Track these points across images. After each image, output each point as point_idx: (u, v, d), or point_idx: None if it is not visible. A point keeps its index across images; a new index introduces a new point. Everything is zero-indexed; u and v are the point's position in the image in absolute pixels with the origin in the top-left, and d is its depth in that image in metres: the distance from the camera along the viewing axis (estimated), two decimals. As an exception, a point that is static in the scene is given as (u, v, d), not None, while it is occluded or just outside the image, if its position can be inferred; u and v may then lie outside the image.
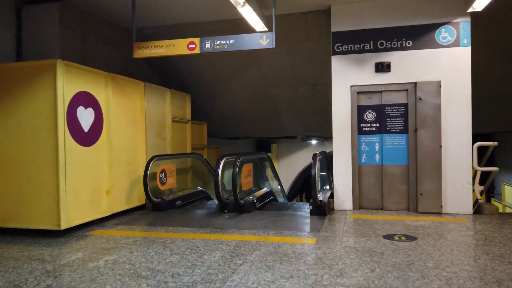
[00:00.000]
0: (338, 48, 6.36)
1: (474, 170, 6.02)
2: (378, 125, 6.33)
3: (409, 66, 6.11)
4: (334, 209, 6.38)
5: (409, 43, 6.10)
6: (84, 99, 5.33)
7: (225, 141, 13.41)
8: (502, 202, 10.60)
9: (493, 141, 6.07)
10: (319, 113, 9.79)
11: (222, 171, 6.32)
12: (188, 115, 8.72)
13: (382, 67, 6.17)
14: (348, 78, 6.33)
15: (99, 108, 5.66)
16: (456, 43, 5.93)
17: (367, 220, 5.58)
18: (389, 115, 6.28)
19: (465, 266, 3.53)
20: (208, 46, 5.29)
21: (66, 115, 4.92)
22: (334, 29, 6.36)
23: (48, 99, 4.83)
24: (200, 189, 8.14)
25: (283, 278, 3.26)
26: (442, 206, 5.92)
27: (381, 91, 6.27)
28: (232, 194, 6.17)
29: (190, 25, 7.55)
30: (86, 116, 5.36)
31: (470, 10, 5.69)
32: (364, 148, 6.39)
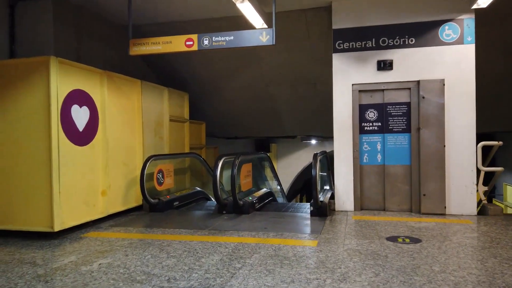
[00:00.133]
0: (339, 45, 6.23)
1: (478, 170, 5.89)
2: (380, 124, 6.19)
3: (412, 64, 5.98)
4: (335, 210, 6.25)
5: (412, 41, 5.97)
6: (78, 97, 5.18)
7: (224, 141, 13.28)
8: (504, 202, 10.47)
9: (494, 141, 5.94)
10: (319, 112, 9.65)
11: (221, 171, 6.18)
12: (186, 114, 8.58)
13: (384, 65, 6.04)
14: (349, 76, 6.20)
15: (95, 106, 5.52)
16: (460, 41, 5.80)
17: (369, 221, 5.45)
18: (391, 114, 6.15)
19: (472, 270, 3.40)
20: (206, 43, 5.15)
21: (60, 114, 4.78)
22: (335, 26, 6.23)
23: (41, 97, 4.69)
24: (198, 189, 8.00)
25: (284, 283, 3.12)
26: (445, 207, 5.79)
27: (383, 90, 6.14)
28: (231, 194, 6.04)
29: (188, 22, 7.42)
30: (80, 114, 5.22)
31: (475, 6, 5.55)
32: (365, 147, 6.26)
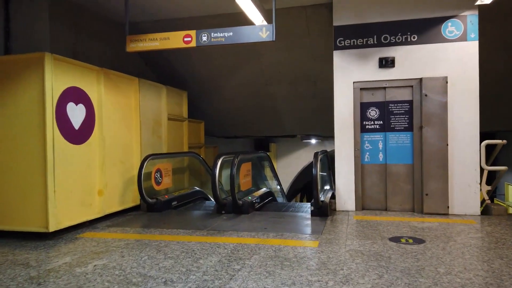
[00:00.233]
0: (340, 43, 6.12)
1: (481, 169, 5.79)
2: (381, 122, 6.09)
3: (414, 61, 5.87)
4: (336, 210, 6.15)
5: (414, 38, 5.86)
6: (74, 95, 5.07)
7: (223, 140, 13.17)
8: (506, 202, 10.36)
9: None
10: (320, 111, 9.54)
11: (220, 171, 6.08)
12: (184, 113, 8.47)
13: (386, 63, 5.94)
14: (350, 74, 6.09)
15: (91, 104, 5.41)
16: (463, 38, 5.69)
17: (371, 221, 5.34)
18: (393, 113, 6.04)
19: (479, 272, 3.30)
20: (204, 39, 5.03)
21: (55, 112, 4.67)
22: (336, 23, 6.12)
23: (36, 95, 4.58)
24: (197, 189, 7.89)
25: (285, 285, 3.02)
26: (448, 207, 5.69)
27: (385, 88, 6.04)
28: (230, 194, 5.93)
29: (186, 19, 7.31)
30: (76, 112, 5.11)
31: (478, 3, 5.45)
32: (367, 146, 6.16)
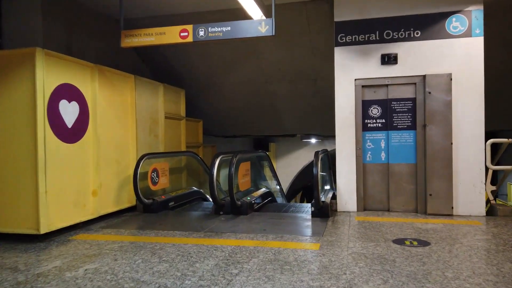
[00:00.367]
0: (341, 39, 5.96)
1: (486, 169, 5.63)
2: (384, 121, 5.94)
3: (417, 58, 5.71)
4: (337, 210, 5.99)
5: (417, 33, 5.70)
6: (67, 92, 4.91)
7: (221, 139, 13.01)
8: (508, 202, 10.22)
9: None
10: (320, 109, 9.38)
11: (218, 170, 5.92)
12: (182, 112, 8.30)
13: (389, 59, 5.78)
14: (352, 71, 5.94)
15: (85, 102, 5.24)
16: (468, 33, 5.53)
17: (373, 222, 5.19)
18: (395, 110, 5.88)
19: (489, 276, 3.14)
20: (202, 34, 4.86)
21: (46, 109, 4.51)
22: (337, 18, 5.96)
23: (26, 92, 4.42)
24: (195, 189, 7.73)
25: (285, 291, 2.86)
26: (453, 208, 5.53)
27: (387, 85, 5.88)
28: (228, 194, 5.77)
29: (183, 15, 7.13)
30: (69, 110, 4.94)
31: (483, -3, 5.31)
32: (369, 145, 6.00)
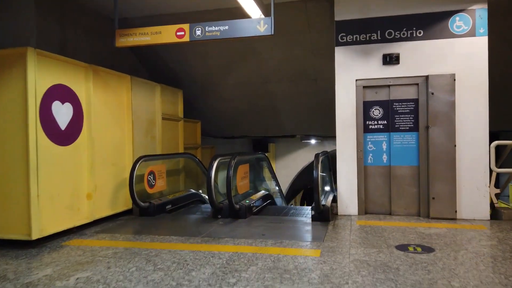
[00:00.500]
0: (342, 38, 5.83)
1: (490, 171, 5.51)
2: (385, 122, 5.80)
3: (420, 58, 5.58)
4: (337, 214, 5.86)
5: (420, 33, 5.58)
6: (60, 93, 4.77)
7: (220, 140, 12.86)
8: (510, 204, 10.10)
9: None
10: (320, 110, 9.25)
11: (216, 173, 5.79)
12: (180, 113, 8.17)
13: (390, 59, 5.65)
14: (353, 71, 5.80)
15: (79, 103, 5.11)
16: (471, 33, 5.41)
17: (375, 227, 5.06)
18: (397, 112, 5.75)
19: (497, 286, 3.01)
20: (198, 33, 4.73)
21: (38, 111, 4.37)
22: (338, 17, 5.83)
23: (18, 92, 4.28)
24: (193, 192, 7.59)
25: (285, 303, 2.73)
26: (456, 211, 5.40)
27: (389, 86, 5.75)
28: (227, 197, 5.64)
29: (180, 15, 6.98)
30: (63, 112, 4.81)
31: (488, -5, 5.19)
32: (370, 147, 5.87)
